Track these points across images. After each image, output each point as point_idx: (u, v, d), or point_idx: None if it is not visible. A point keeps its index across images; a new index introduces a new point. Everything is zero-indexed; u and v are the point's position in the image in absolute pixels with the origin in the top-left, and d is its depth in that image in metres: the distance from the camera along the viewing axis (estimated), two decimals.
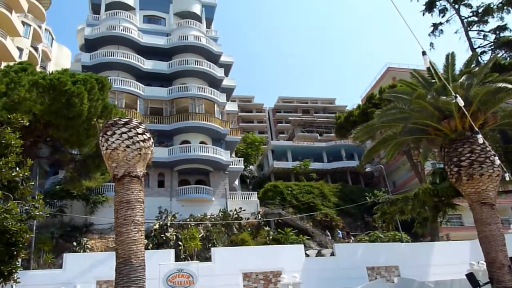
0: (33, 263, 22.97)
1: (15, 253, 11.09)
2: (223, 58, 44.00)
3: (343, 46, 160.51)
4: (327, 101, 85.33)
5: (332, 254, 21.26)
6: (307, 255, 20.76)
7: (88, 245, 27.58)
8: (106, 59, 37.67)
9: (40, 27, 45.94)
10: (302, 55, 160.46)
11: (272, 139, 71.74)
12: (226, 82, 42.98)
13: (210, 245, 28.55)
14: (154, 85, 39.22)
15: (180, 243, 27.53)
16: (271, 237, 31.34)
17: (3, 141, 12.00)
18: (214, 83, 41.16)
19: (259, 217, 35.18)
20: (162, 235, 28.84)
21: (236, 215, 33.44)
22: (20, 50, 40.53)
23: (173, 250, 20.60)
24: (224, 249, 23.11)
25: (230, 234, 32.00)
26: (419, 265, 20.42)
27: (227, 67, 44.34)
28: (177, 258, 21.87)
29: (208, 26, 46.88)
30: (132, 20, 42.11)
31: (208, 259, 21.95)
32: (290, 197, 40.02)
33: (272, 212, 36.03)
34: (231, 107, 44.09)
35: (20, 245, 11.13)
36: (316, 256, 21.81)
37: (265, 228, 33.05)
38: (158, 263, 15.70)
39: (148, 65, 39.65)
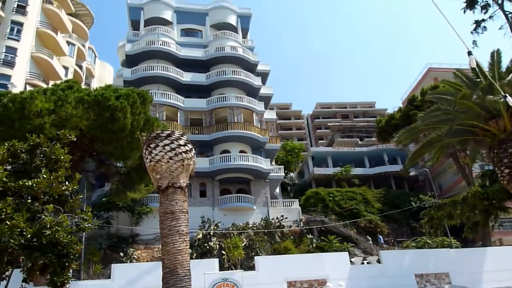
0: (83, 274, 23.68)
1: (67, 264, 11.50)
2: (259, 67, 44.27)
3: (381, 48, 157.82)
4: (367, 105, 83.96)
5: (378, 261, 20.75)
6: (352, 263, 20.39)
7: (134, 255, 28.21)
8: (147, 74, 38.76)
9: (83, 45, 48.04)
10: (339, 59, 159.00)
11: (311, 146, 71.20)
12: (263, 91, 43.19)
13: (253, 253, 28.52)
14: (193, 96, 39.96)
15: (223, 252, 27.68)
16: (314, 245, 30.96)
17: (53, 157, 12.54)
18: (252, 92, 41.44)
19: (302, 224, 34.88)
20: (206, 245, 29.10)
21: (278, 223, 33.29)
22: (66, 68, 42.47)
23: (217, 259, 20.72)
24: (268, 257, 22.99)
25: (272, 242, 31.87)
26: (471, 271, 19.55)
27: (264, 76, 44.57)
28: (221, 267, 22.01)
29: (244, 36, 47.38)
30: (170, 34, 43.20)
31: (252, 268, 21.92)
32: (332, 203, 39.46)
33: (314, 219, 35.62)
34: (270, 115, 44.20)
35: (71, 257, 11.53)
36: (361, 263, 21.35)
37: (308, 236, 32.70)
38: (203, 273, 15.84)
39: (187, 77, 40.47)
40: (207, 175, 35.05)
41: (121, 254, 27.94)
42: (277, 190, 42.33)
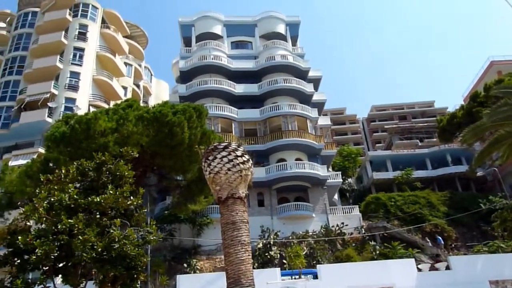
0: (150, 285, 24.49)
1: (135, 276, 11.93)
2: (311, 73, 44.06)
3: (436, 45, 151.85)
4: (425, 105, 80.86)
5: (448, 268, 19.73)
6: (419, 270, 19.53)
7: (197, 266, 28.79)
8: (201, 88, 39.78)
9: (140, 65, 50.28)
10: (393, 59, 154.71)
11: (369, 150, 69.48)
12: (316, 97, 42.88)
13: (314, 262, 28.17)
14: (246, 107, 40.43)
15: (284, 261, 27.54)
16: (377, 252, 30.05)
17: (118, 173, 13.13)
18: (305, 99, 41.27)
19: (363, 231, 33.99)
20: (267, 254, 29.12)
21: (339, 231, 32.69)
22: (125, 88, 44.61)
23: (279, 268, 20.66)
24: (330, 265, 22.59)
25: (334, 250, 31.31)
26: None
27: (316, 82, 44.29)
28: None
29: (294, 43, 47.43)
30: (221, 48, 44.14)
31: (314, 276, 21.64)
32: (394, 208, 38.11)
33: (376, 225, 34.58)
34: (324, 121, 43.74)
35: (139, 269, 11.95)
36: (429, 270, 20.41)
37: (370, 242, 31.81)
38: (266, 282, 15.86)
39: (239, 88, 41.07)
40: (264, 184, 35.18)
41: (185, 265, 28.59)
42: (336, 196, 41.64)
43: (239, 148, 10.66)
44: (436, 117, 58.28)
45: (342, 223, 33.38)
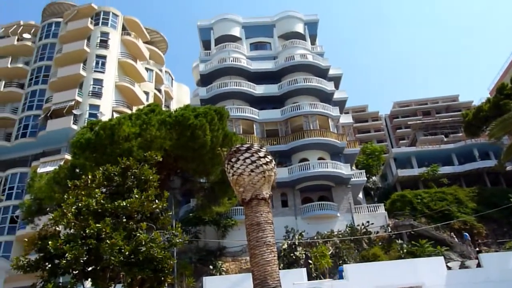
0: (177, 287, 24.70)
1: (162, 278, 12.07)
2: (331, 71, 43.75)
3: (459, 38, 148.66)
4: (449, 99, 79.16)
5: (479, 265, 19.23)
6: (449, 268, 19.10)
7: (223, 268, 28.89)
8: (221, 90, 39.96)
9: (160, 70, 50.88)
10: (414, 54, 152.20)
11: (392, 147, 68.50)
12: (337, 95, 42.54)
13: (340, 262, 27.90)
14: (267, 108, 40.41)
15: (310, 261, 27.37)
16: (405, 250, 29.56)
17: (142, 177, 13.31)
18: (326, 97, 40.99)
19: (389, 230, 33.49)
20: (292, 255, 29.01)
21: (364, 230, 32.30)
22: (146, 93, 45.19)
23: (304, 269, 20.54)
24: (357, 265, 22.31)
25: (360, 249, 30.95)
26: None
27: (336, 80, 43.94)
28: (309, 277, 21.74)
29: (313, 42, 47.16)
30: (240, 50, 44.27)
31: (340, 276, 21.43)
32: (420, 206, 37.43)
33: (403, 223, 34.01)
34: (345, 119, 43.35)
35: (166, 271, 12.08)
36: (459, 268, 19.94)
37: (397, 241, 31.31)
38: (292, 283, 15.79)
39: (259, 89, 41.08)
40: (287, 185, 35.07)
41: (211, 267, 28.74)
42: (360, 195, 41.19)
43: (261, 149, 10.65)
44: (461, 111, 56.90)
45: (368, 222, 32.98)
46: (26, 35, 44.91)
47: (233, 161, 10.45)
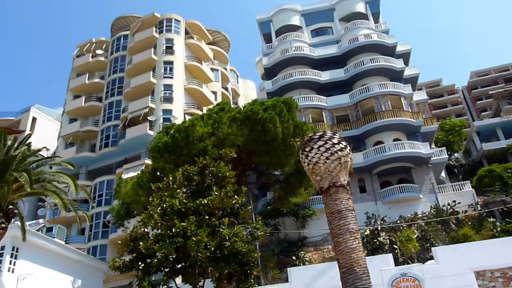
0: (263, 279, 25.13)
1: (248, 271, 12.34)
2: (399, 48, 41.83)
3: None
4: None
5: None
6: None
7: (306, 258, 28.87)
8: (286, 81, 39.81)
9: (225, 69, 51.84)
10: (487, 17, 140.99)
11: (473, 120, 64.22)
12: (407, 72, 40.63)
13: (428, 245, 26.73)
14: (334, 94, 39.60)
15: (395, 246, 26.53)
16: (498, 229, 27.60)
17: (220, 175, 13.67)
18: (396, 76, 39.29)
19: (479, 208, 31.47)
20: (375, 241, 28.27)
21: (451, 210, 30.64)
22: (214, 93, 46.30)
23: (390, 254, 19.93)
24: (448, 247, 21.16)
25: (448, 231, 29.41)
26: None
27: (405, 56, 41.96)
28: (396, 262, 21.08)
29: (376, 20, 45.41)
30: (301, 38, 43.77)
31: (429, 259, 20.51)
32: None
33: (493, 200, 31.75)
34: (419, 96, 41.34)
35: (251, 264, 12.34)
36: None
37: (488, 219, 29.33)
38: (379, 269, 15.37)
39: (325, 76, 40.36)
40: (363, 169, 34.19)
41: (293, 257, 28.84)
42: (443, 174, 39.08)
43: (335, 136, 10.48)
44: None
45: (454, 201, 31.22)
46: (99, 51, 47.85)
47: (307, 150, 10.38)
